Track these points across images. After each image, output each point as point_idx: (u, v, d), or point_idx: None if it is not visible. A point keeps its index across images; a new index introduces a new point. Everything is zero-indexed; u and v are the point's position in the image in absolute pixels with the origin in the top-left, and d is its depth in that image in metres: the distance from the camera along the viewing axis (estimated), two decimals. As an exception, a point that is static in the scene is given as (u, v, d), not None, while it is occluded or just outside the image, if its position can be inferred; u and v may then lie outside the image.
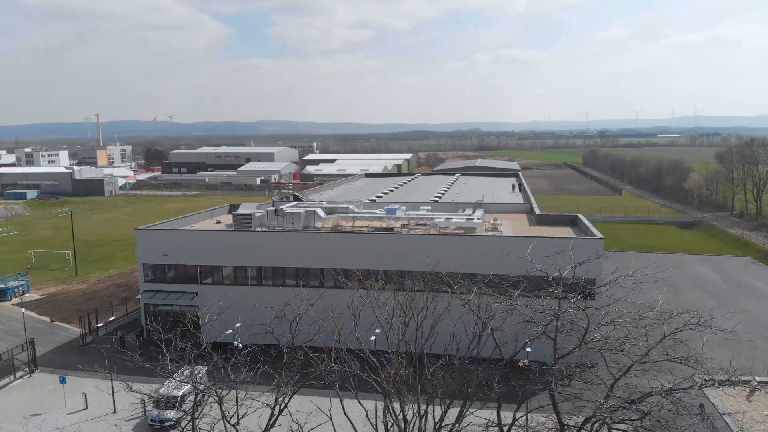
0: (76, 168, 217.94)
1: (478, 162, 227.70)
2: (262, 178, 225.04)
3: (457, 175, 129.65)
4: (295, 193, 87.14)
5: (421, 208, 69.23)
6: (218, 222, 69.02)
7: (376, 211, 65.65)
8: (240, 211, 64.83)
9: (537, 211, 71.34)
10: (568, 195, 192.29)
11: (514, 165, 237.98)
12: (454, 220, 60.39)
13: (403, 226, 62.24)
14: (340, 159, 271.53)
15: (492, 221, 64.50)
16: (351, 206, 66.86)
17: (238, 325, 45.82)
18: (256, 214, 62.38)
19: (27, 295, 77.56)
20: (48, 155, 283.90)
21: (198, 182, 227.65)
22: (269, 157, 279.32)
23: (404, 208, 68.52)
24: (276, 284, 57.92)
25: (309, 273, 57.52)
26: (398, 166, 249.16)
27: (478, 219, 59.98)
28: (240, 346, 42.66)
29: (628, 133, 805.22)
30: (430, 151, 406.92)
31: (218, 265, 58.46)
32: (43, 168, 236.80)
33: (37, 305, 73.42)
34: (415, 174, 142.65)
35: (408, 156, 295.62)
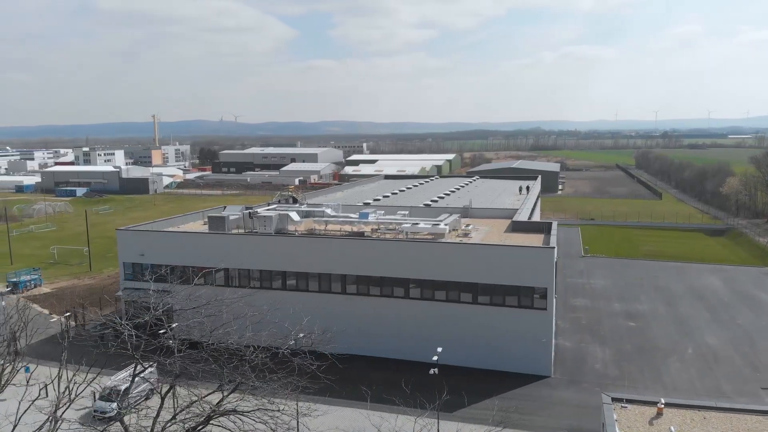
0: (123, 167, 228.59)
1: (517, 163, 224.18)
2: (301, 178, 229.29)
3: (476, 177, 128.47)
4: (294, 195, 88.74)
5: (398, 212, 69.45)
6: (205, 223, 71.26)
7: (351, 215, 66.33)
8: (216, 213, 66.84)
9: (520, 217, 70.27)
10: (605, 198, 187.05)
11: (554, 167, 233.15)
12: (420, 225, 60.41)
13: (374, 230, 62.75)
14: (382, 160, 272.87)
15: (464, 227, 64.08)
16: (328, 210, 67.83)
17: (175, 324, 47.51)
18: (231, 217, 64.18)
19: (38, 288, 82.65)
20: (104, 154, 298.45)
21: (240, 182, 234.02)
22: (313, 158, 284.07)
23: (382, 212, 69.02)
24: (242, 286, 59.69)
25: (273, 275, 59.04)
26: (438, 167, 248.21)
27: (445, 225, 59.72)
28: (175, 345, 44.80)
29: (698, 133, 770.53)
30: (478, 151, 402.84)
31: (188, 266, 60.67)
32: (93, 167, 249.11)
33: (43, 299, 77.92)
34: (433, 176, 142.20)
35: (450, 157, 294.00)
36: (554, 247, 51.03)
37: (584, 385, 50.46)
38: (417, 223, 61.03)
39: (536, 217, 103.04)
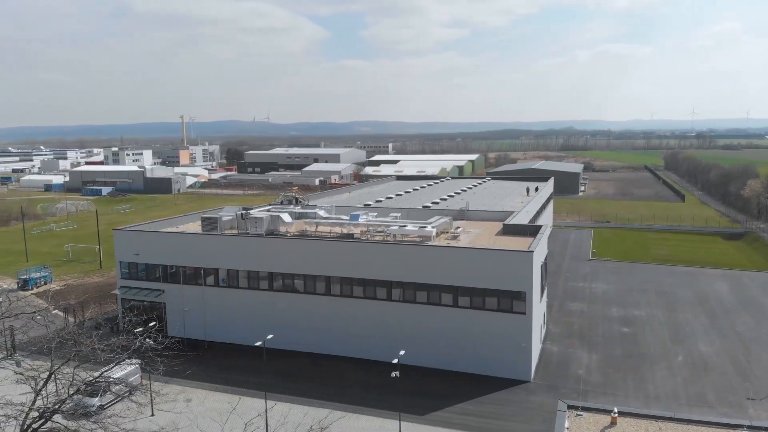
0: (147, 167, 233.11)
1: (539, 164, 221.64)
2: (321, 178, 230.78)
3: (488, 178, 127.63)
4: (296, 195, 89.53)
5: (390, 214, 69.60)
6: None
7: (343, 217, 66.74)
8: (211, 214, 67.95)
9: (517, 219, 69.79)
10: (626, 200, 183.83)
11: (576, 167, 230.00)
12: (408, 228, 60.44)
13: (363, 233, 63.01)
14: (403, 160, 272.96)
15: (454, 229, 63.89)
16: (321, 212, 68.38)
17: (152, 323, 48.57)
18: (224, 218, 65.14)
19: (47, 285, 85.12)
20: (133, 154, 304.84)
21: (263, 182, 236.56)
22: (335, 158, 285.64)
23: (375, 214, 69.30)
24: (231, 286, 60.67)
25: (260, 276, 59.83)
26: (460, 168, 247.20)
27: (432, 228, 59.67)
28: (152, 343, 45.83)
29: (735, 133, 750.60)
30: (504, 152, 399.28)
31: (179, 266, 61.95)
32: (119, 167, 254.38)
33: (51, 295, 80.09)
34: (444, 178, 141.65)
35: (473, 157, 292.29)
36: (533, 251, 50.52)
37: (563, 391, 49.80)
38: (405, 226, 61.09)
39: (546, 220, 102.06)
